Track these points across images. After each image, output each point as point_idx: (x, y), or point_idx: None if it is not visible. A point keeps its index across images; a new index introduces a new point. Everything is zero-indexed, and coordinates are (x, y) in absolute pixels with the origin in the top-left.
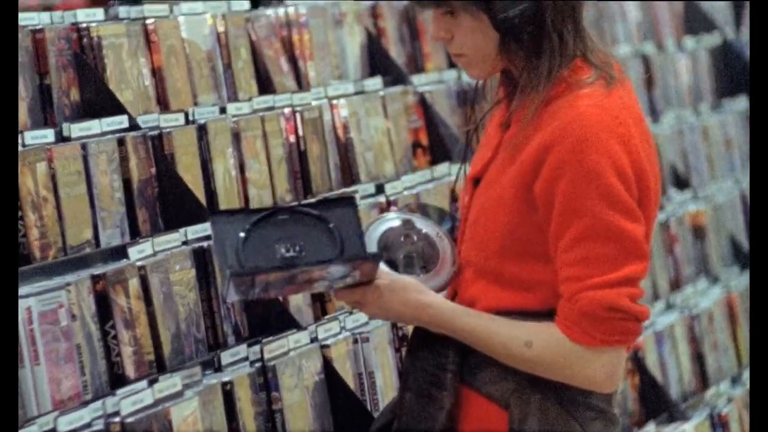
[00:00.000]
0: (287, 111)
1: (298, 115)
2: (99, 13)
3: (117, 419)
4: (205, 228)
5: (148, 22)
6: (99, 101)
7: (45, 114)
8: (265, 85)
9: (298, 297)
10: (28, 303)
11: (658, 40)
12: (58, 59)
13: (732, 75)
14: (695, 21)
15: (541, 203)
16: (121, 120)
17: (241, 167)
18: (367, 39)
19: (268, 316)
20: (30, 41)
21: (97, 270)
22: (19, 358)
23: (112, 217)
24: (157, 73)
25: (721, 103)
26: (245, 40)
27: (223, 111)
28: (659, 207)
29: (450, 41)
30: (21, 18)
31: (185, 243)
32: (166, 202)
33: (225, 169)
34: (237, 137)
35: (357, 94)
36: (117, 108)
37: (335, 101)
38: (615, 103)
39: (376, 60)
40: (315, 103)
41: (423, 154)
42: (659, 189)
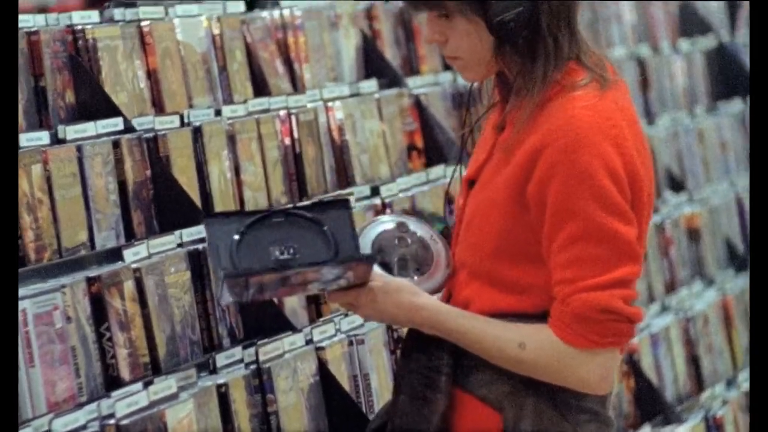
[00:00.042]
0: (282, 113)
1: (293, 118)
2: (94, 15)
3: (112, 421)
4: (200, 230)
5: (143, 24)
6: (94, 103)
7: (40, 116)
8: (261, 88)
9: (293, 299)
10: (23, 305)
11: (653, 42)
12: (53, 61)
13: (727, 77)
14: (690, 23)
15: (534, 205)
16: (116, 122)
17: (237, 169)
18: (363, 41)
19: (263, 318)
20: (25, 43)
21: (92, 272)
22: None
23: (107, 220)
24: (152, 76)
25: (717, 106)
26: (240, 42)
27: (219, 113)
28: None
29: (444, 44)
30: None
31: (180, 245)
32: (161, 204)
33: (220, 172)
34: (232, 139)
35: (352, 96)
36: (112, 110)
37: (330, 103)
38: (608, 105)
39: (371, 62)
40: (310, 106)
41: (418, 156)
42: (653, 191)
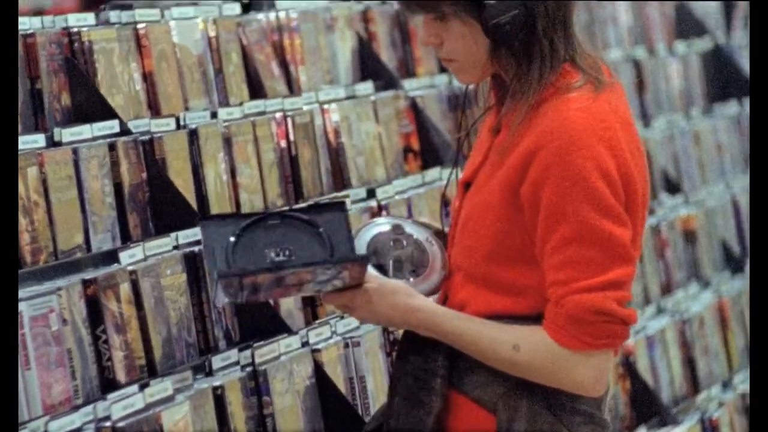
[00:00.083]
0: (278, 116)
1: (289, 120)
2: (90, 18)
3: (108, 424)
4: (196, 233)
5: (139, 26)
6: (90, 106)
7: (36, 119)
8: (256, 90)
9: (289, 301)
10: (19, 307)
11: (649, 44)
12: (49, 64)
13: (723, 79)
14: (686, 25)
15: (528, 207)
16: (112, 125)
17: (232, 172)
18: (358, 43)
19: (258, 320)
20: (21, 46)
21: (88, 274)
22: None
23: (103, 222)
24: (148, 78)
25: (713, 108)
26: (236, 44)
27: (214, 116)
28: (650, 211)
29: (440, 46)
30: None
31: (176, 248)
32: (157, 206)
33: (216, 174)
34: (228, 142)
35: (348, 98)
36: (108, 113)
37: (326, 106)
38: (602, 107)
39: (367, 64)
40: (306, 108)
41: (414, 158)
42: (648, 193)
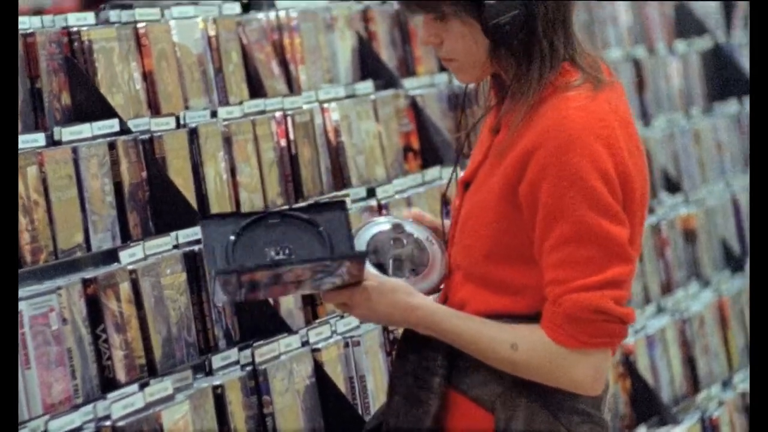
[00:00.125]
0: (278, 115)
1: (289, 119)
2: (90, 17)
3: (108, 423)
4: (196, 232)
5: (139, 26)
6: (90, 105)
7: (36, 118)
8: (256, 89)
9: (289, 301)
10: (19, 306)
11: (649, 43)
12: (49, 63)
13: (723, 78)
14: (686, 24)
15: (526, 206)
16: (112, 124)
17: (232, 171)
18: (358, 43)
19: (259, 319)
20: (21, 45)
21: (88, 274)
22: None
23: (103, 221)
24: (148, 77)
25: (713, 107)
26: (236, 43)
27: (214, 115)
28: (650, 210)
29: (440, 46)
30: None
31: (176, 247)
32: (157, 205)
33: (216, 173)
34: (228, 141)
35: (348, 97)
36: (108, 112)
37: (326, 105)
38: (601, 106)
39: (367, 64)
40: (306, 107)
41: (414, 157)
42: (647, 192)
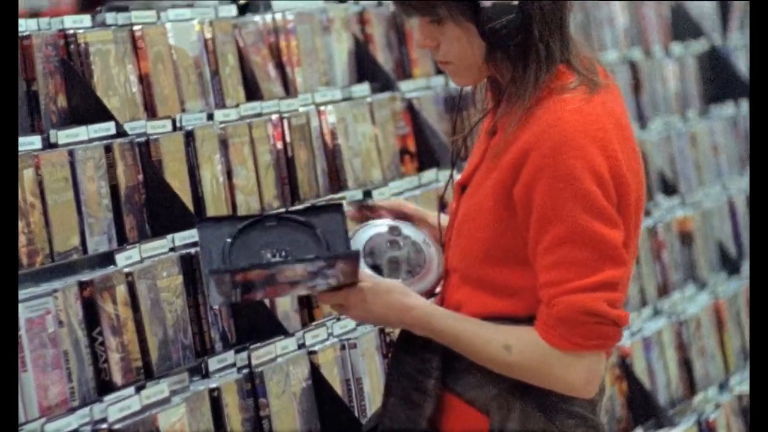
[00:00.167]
0: (275, 117)
1: (285, 122)
2: (86, 20)
3: (104, 426)
4: (193, 234)
5: (135, 28)
6: (86, 108)
7: (32, 120)
8: (253, 92)
9: (285, 303)
10: None
11: (645, 46)
12: (45, 66)
13: (719, 81)
14: (682, 27)
15: (520, 208)
16: (109, 126)
17: (229, 174)
18: (355, 45)
19: (255, 322)
20: (17, 47)
21: (85, 276)
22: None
23: (99, 224)
24: (145, 80)
25: (709, 109)
26: (233, 46)
27: (211, 117)
28: (646, 213)
29: (436, 49)
30: None
31: (173, 249)
32: (153, 208)
33: (212, 176)
34: (224, 144)
35: (344, 100)
36: (104, 114)
37: (323, 107)
38: (596, 109)
39: (363, 66)
40: (302, 110)
41: (410, 160)
42: (643, 195)
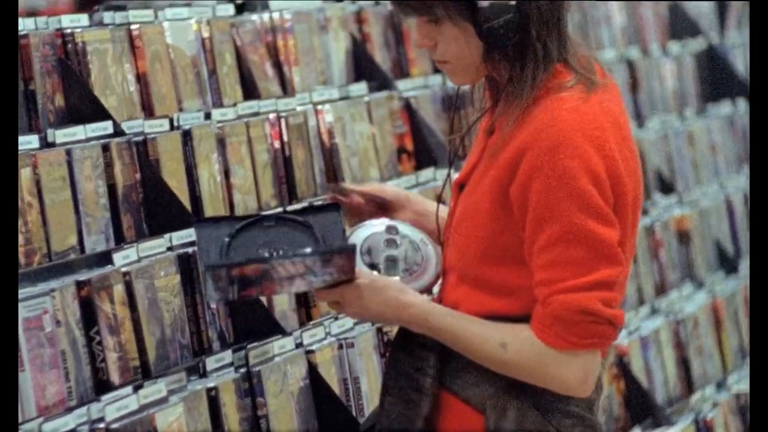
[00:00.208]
0: (272, 116)
1: (282, 121)
2: (83, 19)
3: (102, 425)
4: (190, 233)
5: (132, 27)
6: (83, 107)
7: (30, 120)
8: (250, 91)
9: (283, 303)
10: None
11: (642, 44)
12: (42, 65)
13: (717, 79)
14: (680, 25)
15: (517, 207)
16: (106, 126)
17: (226, 173)
18: (352, 44)
19: (252, 321)
20: None
21: (82, 276)
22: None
23: (96, 223)
24: (142, 79)
25: (706, 108)
26: (230, 45)
27: (208, 117)
28: (643, 212)
29: (434, 48)
30: None
31: (170, 249)
32: (150, 207)
33: (210, 175)
34: (222, 143)
35: (342, 99)
36: (101, 114)
37: (320, 107)
38: (593, 108)
39: (361, 65)
40: (300, 109)
41: (408, 159)
42: (640, 194)
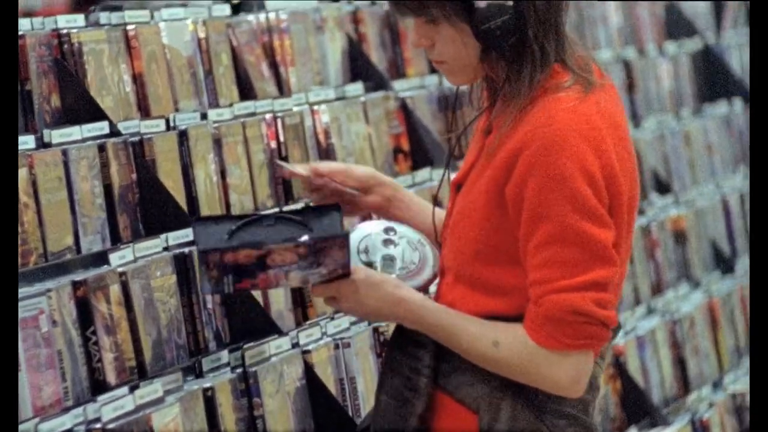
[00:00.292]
0: (268, 117)
1: (279, 121)
2: (80, 19)
3: (98, 425)
4: (187, 234)
5: (128, 28)
6: (80, 107)
7: (26, 120)
8: (246, 91)
9: (279, 302)
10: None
11: (639, 44)
12: (38, 65)
13: (713, 79)
14: (676, 26)
15: (512, 206)
16: (102, 126)
17: (223, 173)
18: (348, 44)
19: (249, 321)
20: None
21: (78, 276)
22: None
23: (92, 223)
24: (138, 79)
25: (703, 108)
26: (226, 45)
27: (204, 117)
28: (640, 212)
29: (431, 49)
30: None
31: (166, 249)
32: (147, 208)
33: (206, 175)
34: (218, 143)
35: (338, 99)
36: (98, 114)
37: (316, 107)
38: (589, 108)
39: (357, 65)
40: (296, 109)
41: (404, 159)
42: (636, 195)
